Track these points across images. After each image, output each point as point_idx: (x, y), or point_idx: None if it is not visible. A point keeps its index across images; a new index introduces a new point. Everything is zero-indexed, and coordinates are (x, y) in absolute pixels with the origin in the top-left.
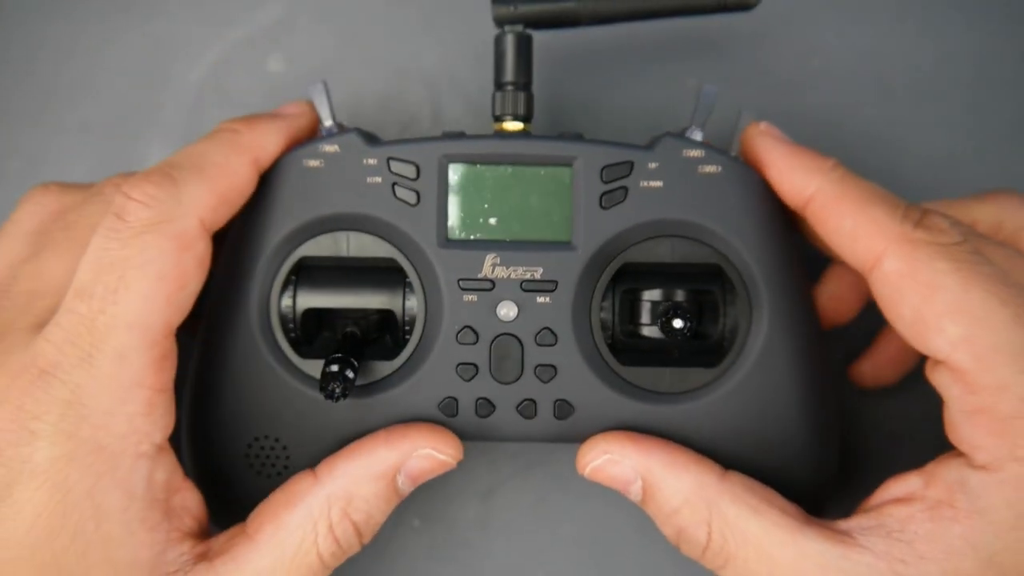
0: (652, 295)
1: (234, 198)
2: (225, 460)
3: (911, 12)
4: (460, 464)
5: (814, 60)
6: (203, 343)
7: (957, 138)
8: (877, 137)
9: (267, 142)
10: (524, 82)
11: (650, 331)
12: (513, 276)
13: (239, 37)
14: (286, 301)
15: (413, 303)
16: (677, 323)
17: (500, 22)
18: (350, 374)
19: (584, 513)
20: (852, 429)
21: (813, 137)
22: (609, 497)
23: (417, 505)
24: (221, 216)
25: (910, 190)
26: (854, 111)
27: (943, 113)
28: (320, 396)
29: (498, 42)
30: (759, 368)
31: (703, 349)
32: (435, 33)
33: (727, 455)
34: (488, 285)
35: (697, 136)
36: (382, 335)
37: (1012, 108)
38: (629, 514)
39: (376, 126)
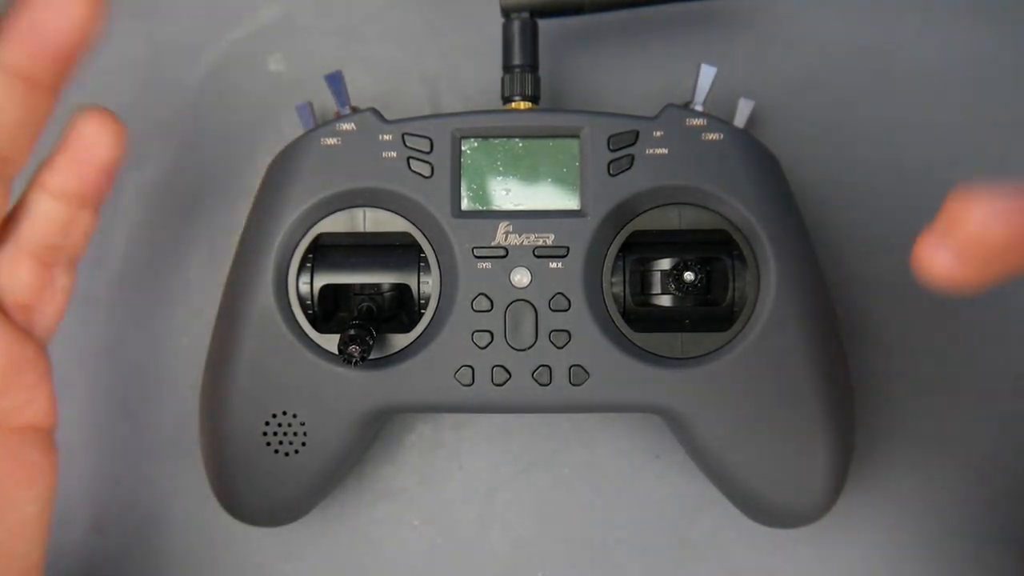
0: (662, 263)
1: None
2: (243, 438)
3: (916, 2)
4: (460, 464)
5: (816, 45)
6: (221, 321)
7: (957, 134)
8: (878, 121)
9: None
10: (531, 64)
11: (661, 299)
12: (526, 243)
13: (239, 37)
14: (304, 277)
15: (428, 278)
16: (688, 276)
17: (507, 11)
18: (368, 339)
19: (584, 513)
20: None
21: (815, 121)
22: (609, 497)
23: (417, 505)
24: None
25: (909, 183)
26: (855, 94)
27: (943, 109)
28: (338, 370)
29: (506, 28)
30: (769, 331)
31: (713, 316)
32: (435, 33)
33: (740, 419)
34: (501, 252)
35: (699, 110)
36: (398, 312)
37: (1014, 105)
38: (629, 514)
39: None
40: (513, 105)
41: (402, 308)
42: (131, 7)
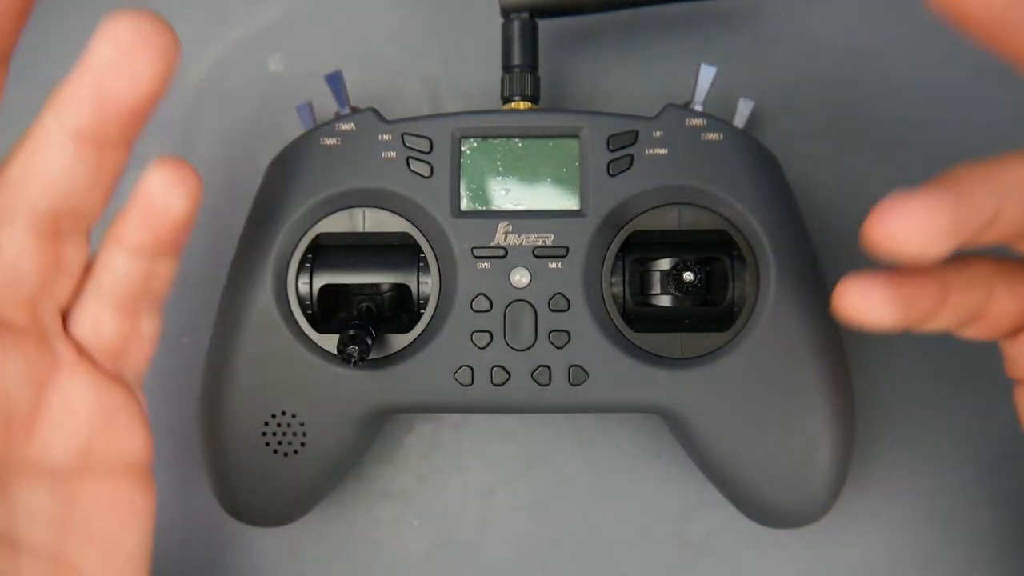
0: (661, 263)
1: None
2: (242, 438)
3: (916, 3)
4: (460, 464)
5: (816, 45)
6: (221, 321)
7: (956, 134)
8: (877, 121)
9: None
10: (531, 65)
11: (660, 299)
12: (525, 243)
13: (239, 37)
14: (303, 277)
15: (427, 278)
16: (688, 276)
17: (507, 11)
18: (368, 340)
19: (584, 513)
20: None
21: (815, 121)
22: (609, 497)
23: (417, 505)
24: None
25: (909, 183)
26: (855, 95)
27: (943, 109)
28: (338, 370)
29: (505, 28)
30: (769, 331)
31: (713, 316)
32: (435, 33)
33: (740, 419)
34: (501, 252)
35: (698, 110)
36: (397, 313)
37: (1014, 105)
38: (629, 514)
39: None
40: (513, 105)
41: (401, 308)
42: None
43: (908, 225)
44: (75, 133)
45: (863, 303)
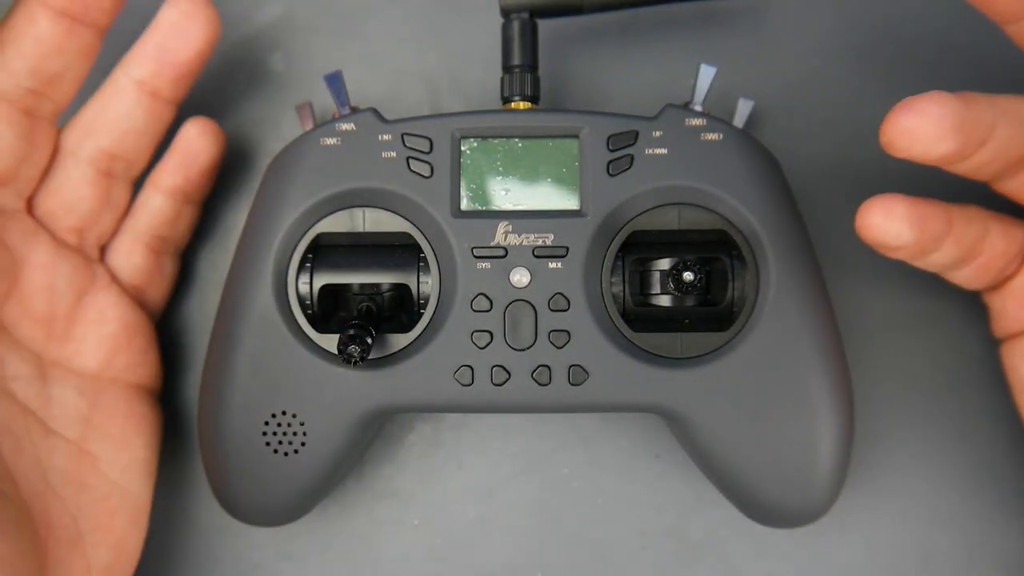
0: (661, 264)
1: None
2: (242, 438)
3: (915, 3)
4: (460, 464)
5: (816, 45)
6: (221, 321)
7: None
8: (877, 121)
9: None
10: (531, 64)
11: (660, 299)
12: (525, 243)
13: (239, 37)
14: (303, 277)
15: (427, 278)
16: (688, 276)
17: (507, 11)
18: (368, 339)
19: (584, 513)
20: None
21: (815, 121)
22: (609, 497)
23: (417, 505)
24: None
25: (909, 183)
26: (855, 95)
27: None
28: (338, 370)
29: (505, 29)
30: (769, 331)
31: (713, 316)
32: (435, 33)
33: (740, 418)
34: (501, 252)
35: (698, 110)
36: (397, 313)
37: None
38: (629, 514)
39: None
40: (513, 105)
41: (402, 308)
42: (131, 7)
43: (921, 121)
44: (138, 82)
45: (885, 221)
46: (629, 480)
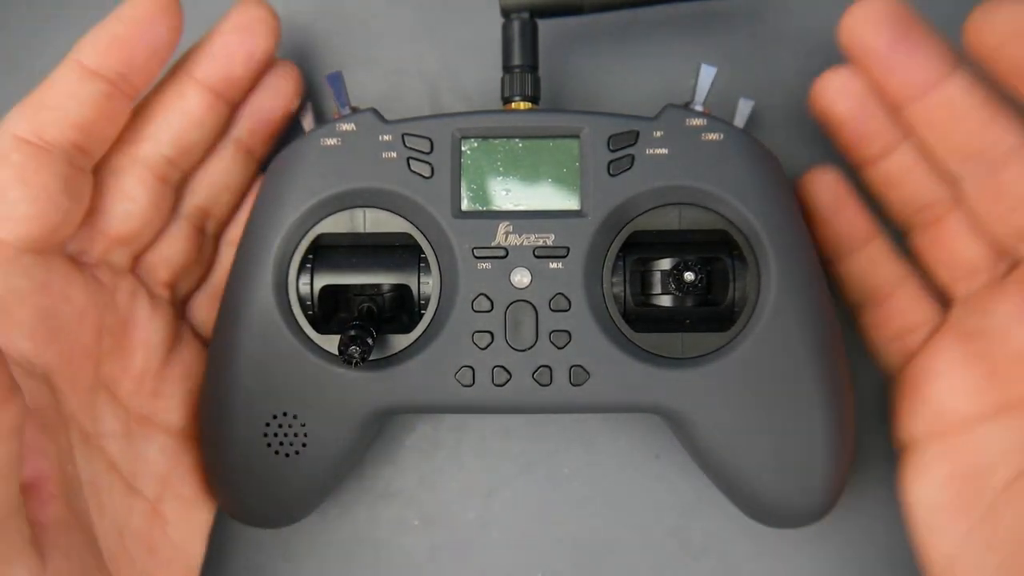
0: (662, 263)
1: None
2: (243, 439)
3: (916, 3)
4: (460, 464)
5: (816, 45)
6: (221, 321)
7: None
8: None
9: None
10: (531, 65)
11: (661, 300)
12: (526, 243)
13: None
14: (304, 278)
15: (428, 279)
16: (688, 276)
17: (507, 12)
18: (369, 340)
19: (584, 513)
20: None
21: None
22: (609, 497)
23: (417, 505)
24: None
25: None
26: None
27: None
28: (339, 371)
29: (505, 29)
30: (769, 331)
31: (714, 316)
32: (435, 33)
33: (740, 418)
34: (502, 253)
35: (698, 110)
36: (398, 313)
37: None
38: (629, 514)
39: None
40: (513, 105)
41: (402, 309)
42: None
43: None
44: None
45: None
46: (629, 480)
